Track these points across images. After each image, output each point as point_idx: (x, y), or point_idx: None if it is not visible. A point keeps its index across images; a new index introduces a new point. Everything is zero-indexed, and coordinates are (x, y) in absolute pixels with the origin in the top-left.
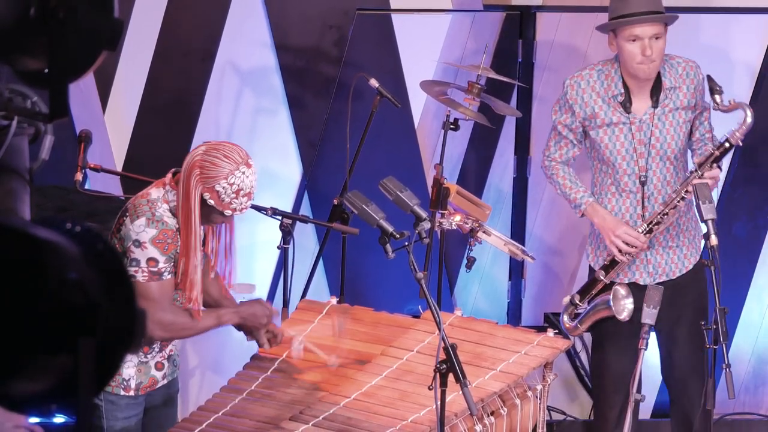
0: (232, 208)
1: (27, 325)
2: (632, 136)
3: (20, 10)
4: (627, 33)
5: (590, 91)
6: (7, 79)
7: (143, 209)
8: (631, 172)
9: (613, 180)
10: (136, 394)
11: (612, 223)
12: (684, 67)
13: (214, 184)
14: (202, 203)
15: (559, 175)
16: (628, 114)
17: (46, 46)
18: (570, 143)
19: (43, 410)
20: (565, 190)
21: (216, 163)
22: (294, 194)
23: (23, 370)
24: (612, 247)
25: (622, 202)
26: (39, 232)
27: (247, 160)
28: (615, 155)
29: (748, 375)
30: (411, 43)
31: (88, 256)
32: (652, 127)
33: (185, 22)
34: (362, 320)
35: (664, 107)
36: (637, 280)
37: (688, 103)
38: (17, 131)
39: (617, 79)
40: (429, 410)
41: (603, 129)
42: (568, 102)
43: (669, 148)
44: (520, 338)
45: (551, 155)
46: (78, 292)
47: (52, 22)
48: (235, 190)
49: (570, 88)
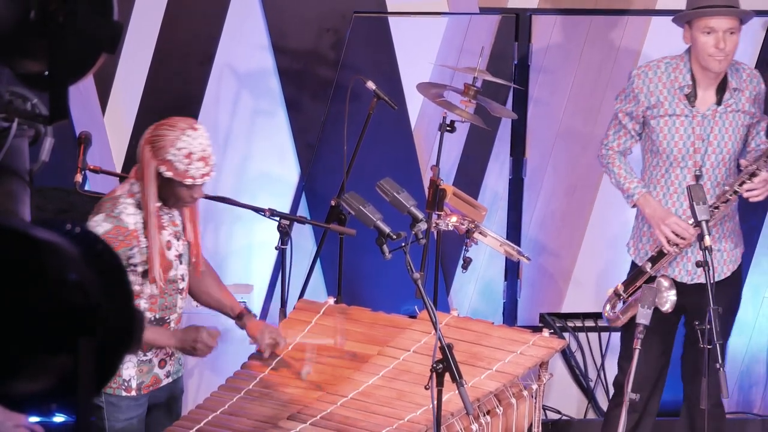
0: (190, 175)
1: (27, 325)
2: (692, 129)
3: (20, 13)
4: (702, 24)
5: (657, 81)
6: (8, 82)
7: (106, 206)
8: (685, 165)
9: (664, 173)
10: (138, 395)
11: (662, 213)
12: (748, 73)
13: (165, 154)
14: (162, 179)
15: (615, 164)
16: (692, 107)
17: (46, 49)
18: (629, 133)
19: (43, 410)
20: (620, 179)
21: (162, 134)
22: (292, 195)
23: (23, 369)
24: (661, 236)
25: (670, 196)
26: (39, 234)
27: (193, 125)
28: (672, 146)
29: (741, 374)
30: (407, 45)
31: (88, 257)
32: (713, 123)
33: (184, 25)
34: (359, 320)
35: (727, 107)
36: (675, 276)
37: (749, 109)
38: (17, 133)
39: (685, 72)
40: (425, 409)
41: (664, 119)
42: (633, 91)
43: (725, 147)
44: (515, 338)
45: (609, 144)
46: (77, 292)
47: (51, 25)
48: (185, 154)
49: (637, 77)
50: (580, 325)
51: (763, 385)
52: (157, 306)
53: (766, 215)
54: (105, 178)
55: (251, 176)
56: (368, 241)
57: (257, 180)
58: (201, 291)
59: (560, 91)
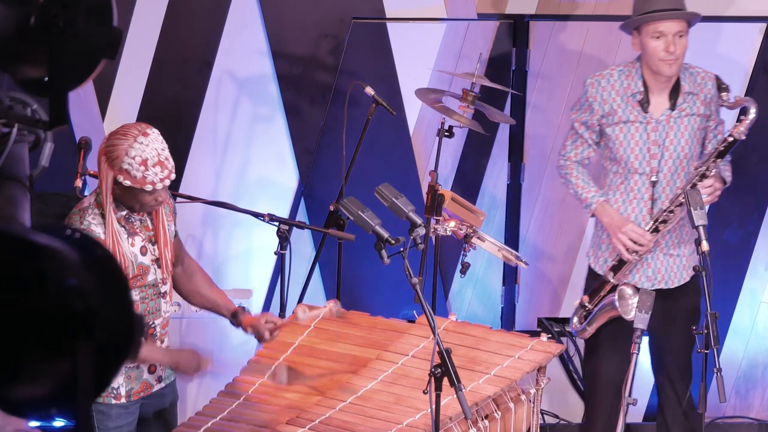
0: (149, 181)
1: (27, 330)
2: (647, 135)
3: (20, 19)
4: (651, 29)
5: (610, 89)
6: (8, 87)
7: (74, 219)
8: (643, 171)
9: (623, 179)
10: (128, 401)
11: (619, 221)
12: (703, 77)
13: (120, 164)
14: (123, 188)
15: (573, 174)
16: (645, 113)
17: (45, 55)
18: (585, 143)
19: (42, 414)
20: (578, 189)
21: (114, 143)
22: (291, 200)
23: (23, 374)
24: (618, 244)
25: (629, 202)
26: (39, 239)
27: (145, 130)
28: (628, 153)
29: (738, 379)
30: (406, 51)
31: (87, 262)
32: (668, 128)
33: (183, 31)
34: (358, 325)
35: (681, 111)
36: (635, 283)
37: (704, 111)
38: (18, 139)
39: (637, 78)
40: (424, 414)
41: (619, 126)
42: (587, 100)
43: (682, 152)
44: (513, 343)
45: (567, 154)
46: (77, 297)
47: (51, 31)
48: (140, 162)
49: (590, 86)
50: None
51: (761, 390)
52: (139, 311)
53: (762, 221)
54: None
55: (250, 181)
56: (367, 246)
57: (256, 185)
58: (193, 292)
59: (558, 97)
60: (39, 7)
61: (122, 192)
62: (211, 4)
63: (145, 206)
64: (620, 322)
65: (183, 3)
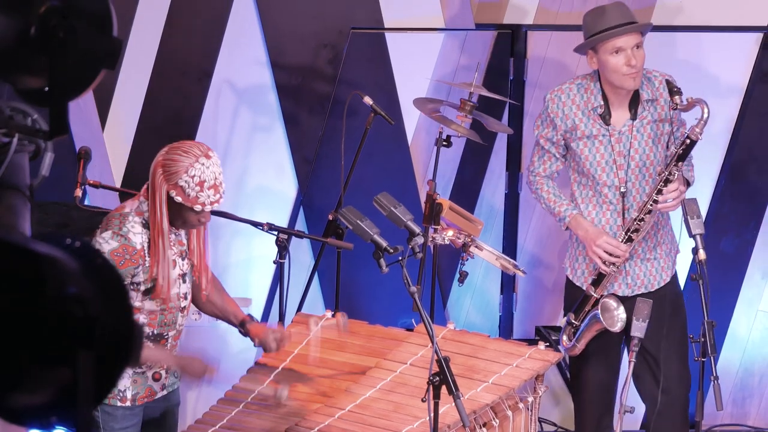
0: (200, 202)
1: (27, 338)
2: (611, 147)
3: (21, 30)
4: (609, 46)
5: (570, 104)
6: (8, 97)
7: (113, 222)
8: (611, 183)
9: (594, 192)
10: (133, 405)
11: (593, 234)
12: (660, 80)
13: (177, 179)
14: (172, 202)
15: (544, 189)
16: (607, 126)
17: (46, 65)
18: (553, 157)
19: (42, 422)
20: (550, 204)
21: (176, 159)
22: (290, 210)
23: (23, 382)
24: (594, 257)
25: (602, 213)
26: (39, 248)
27: (207, 152)
28: (595, 167)
29: (735, 387)
30: (404, 61)
31: (87, 271)
32: (631, 138)
33: (183, 42)
34: (357, 333)
35: (642, 119)
36: (615, 291)
37: (666, 116)
38: (18, 148)
39: (596, 92)
40: (422, 422)
41: (583, 141)
42: (549, 116)
43: (648, 160)
44: (511, 351)
45: (535, 170)
46: (77, 305)
47: (52, 42)
48: (197, 182)
49: (551, 102)
50: None
51: (758, 398)
52: (156, 322)
53: (759, 230)
54: (104, 192)
55: (249, 191)
56: (365, 255)
57: (255, 194)
58: (206, 301)
59: None
60: (39, 17)
61: (169, 206)
62: (211, 15)
63: (187, 224)
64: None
65: (183, 13)
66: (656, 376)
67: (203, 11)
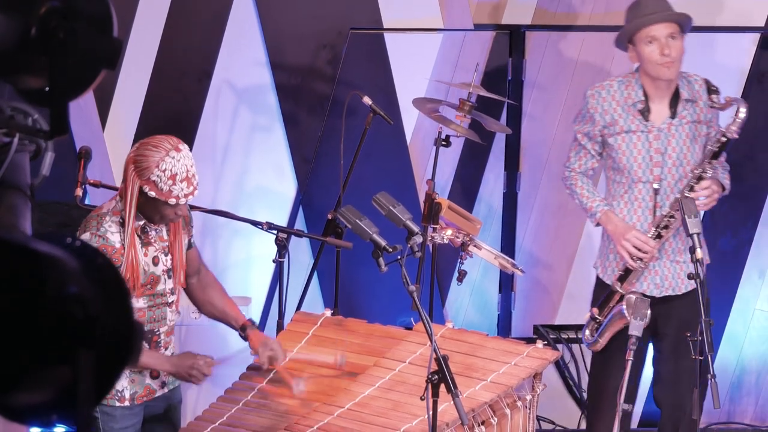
0: (174, 195)
1: (28, 337)
2: (649, 144)
3: (21, 31)
4: (643, 35)
5: (610, 99)
6: (9, 97)
7: (91, 224)
8: (646, 180)
9: (627, 188)
10: (132, 404)
11: (623, 229)
12: (700, 83)
13: (149, 174)
14: (146, 198)
15: (578, 185)
16: (647, 122)
17: (46, 66)
18: (589, 154)
19: (43, 421)
20: (582, 199)
21: (146, 154)
22: (289, 209)
23: (24, 381)
24: (622, 251)
25: (634, 211)
26: (40, 247)
27: (177, 145)
28: (631, 162)
29: (732, 385)
30: (403, 61)
31: (87, 270)
32: (669, 136)
33: (183, 42)
34: (356, 332)
35: (682, 119)
36: (644, 290)
37: (704, 118)
38: (19, 148)
39: (637, 88)
40: (421, 420)
41: (621, 136)
42: (589, 111)
43: (685, 159)
44: (509, 349)
45: (571, 165)
46: (77, 305)
47: (52, 42)
48: (169, 176)
49: (591, 97)
50: (574, 336)
51: (755, 396)
52: (145, 318)
53: (756, 230)
54: (105, 192)
55: (249, 190)
56: (365, 254)
57: (255, 194)
58: (205, 302)
59: (554, 107)
60: (40, 18)
61: (144, 202)
62: (211, 16)
63: (164, 218)
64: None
65: (183, 14)
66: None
67: (203, 12)
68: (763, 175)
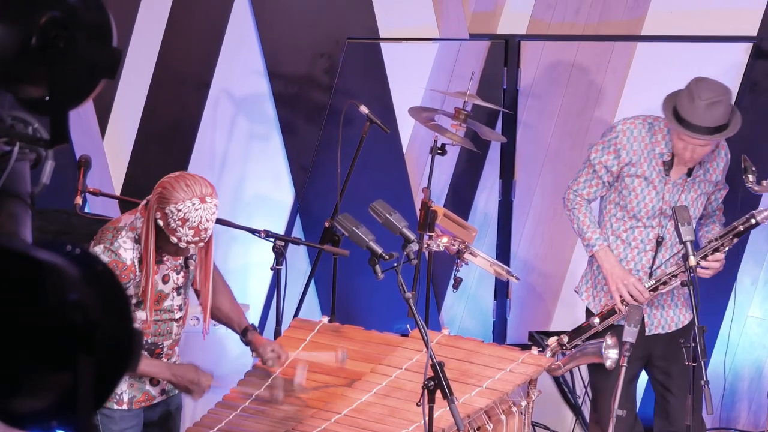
0: (177, 236)
1: (29, 343)
2: (663, 195)
3: (22, 40)
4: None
5: (640, 140)
6: (10, 107)
7: (106, 236)
8: (650, 225)
9: (628, 228)
10: (130, 408)
11: (621, 273)
12: (722, 147)
13: (165, 206)
14: (156, 226)
15: (581, 211)
16: (666, 176)
17: (46, 75)
18: (601, 183)
19: (43, 426)
20: (582, 227)
21: (175, 187)
22: (287, 217)
23: (25, 387)
24: (615, 293)
25: (629, 251)
26: (40, 255)
27: (206, 196)
28: (641, 207)
29: (726, 391)
30: (399, 71)
31: (87, 277)
32: (681, 191)
33: (181, 52)
34: (353, 339)
35: (695, 177)
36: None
37: (715, 179)
38: (19, 157)
39: (667, 140)
40: (417, 426)
41: (639, 180)
42: (616, 145)
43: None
44: (505, 356)
45: (578, 190)
46: (77, 311)
47: (52, 52)
48: (180, 218)
49: (622, 133)
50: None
51: (747, 402)
52: (149, 331)
53: (748, 237)
54: (104, 200)
55: (247, 198)
56: (361, 262)
57: (253, 202)
58: (213, 307)
59: (548, 115)
60: (40, 28)
61: (156, 228)
62: (209, 26)
63: (165, 251)
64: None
65: (181, 24)
66: (667, 407)
67: (201, 22)
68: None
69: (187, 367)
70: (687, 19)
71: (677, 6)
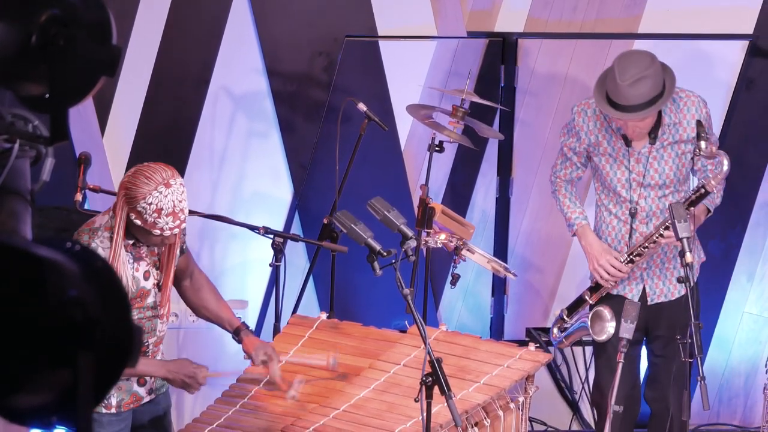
0: (158, 227)
1: (29, 340)
2: (631, 168)
3: (22, 38)
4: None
5: (596, 120)
6: (10, 104)
7: (83, 237)
8: (627, 199)
9: (608, 202)
10: (119, 411)
11: (597, 251)
12: (686, 102)
13: (136, 204)
14: (133, 224)
15: (561, 192)
16: (629, 147)
17: (46, 73)
18: (574, 165)
19: (43, 422)
20: (564, 207)
21: (137, 184)
22: (285, 214)
23: (25, 383)
24: (595, 273)
25: (610, 221)
26: (40, 252)
27: (169, 180)
28: (615, 183)
29: (722, 387)
30: (397, 68)
31: (87, 274)
32: (651, 160)
33: (181, 49)
34: (351, 335)
35: (663, 141)
36: (626, 294)
37: (688, 137)
38: (19, 154)
39: None
40: (415, 421)
41: (605, 158)
42: (575, 128)
43: (667, 179)
44: (502, 352)
45: (557, 173)
46: (77, 308)
47: (52, 49)
48: (154, 210)
49: (577, 115)
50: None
51: (743, 398)
52: None
53: (744, 234)
54: (104, 197)
55: (246, 195)
56: (359, 258)
57: (252, 199)
58: (199, 306)
59: (545, 113)
60: (40, 26)
61: (133, 226)
62: (208, 24)
63: (151, 244)
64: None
65: (181, 22)
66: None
67: (201, 20)
68: (751, 181)
69: (182, 362)
70: (683, 16)
71: (674, 4)
